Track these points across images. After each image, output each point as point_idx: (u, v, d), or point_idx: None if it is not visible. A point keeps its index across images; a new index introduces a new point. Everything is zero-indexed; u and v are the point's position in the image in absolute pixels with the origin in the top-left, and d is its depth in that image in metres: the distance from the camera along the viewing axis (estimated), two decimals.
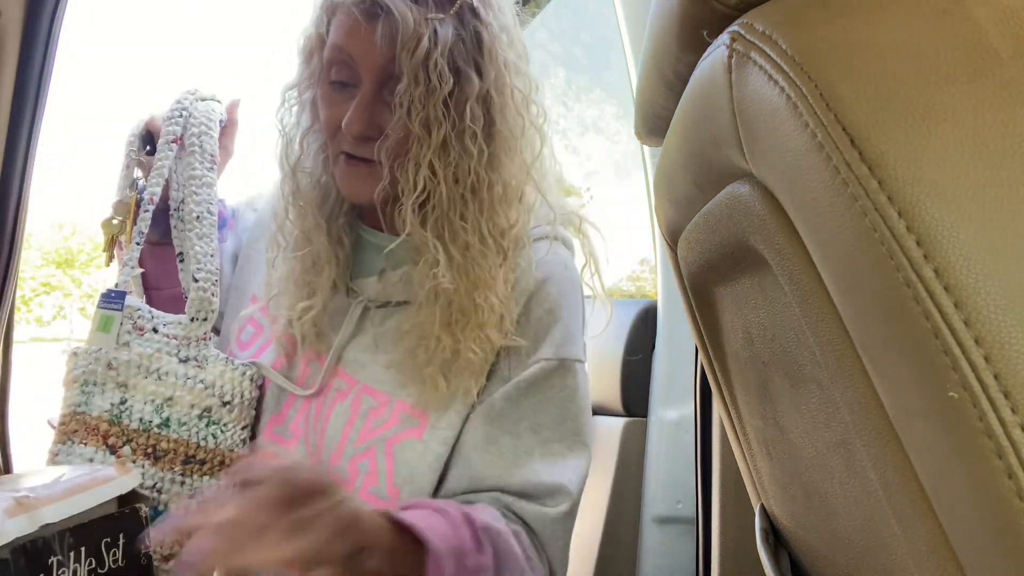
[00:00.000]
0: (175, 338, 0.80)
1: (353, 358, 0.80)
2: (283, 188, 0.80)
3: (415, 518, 0.65)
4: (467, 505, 0.71)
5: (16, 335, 1.06)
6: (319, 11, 0.75)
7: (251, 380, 0.81)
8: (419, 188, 0.71)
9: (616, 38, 1.31)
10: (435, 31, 0.68)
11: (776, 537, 0.65)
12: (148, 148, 0.88)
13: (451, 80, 0.69)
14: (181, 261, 0.86)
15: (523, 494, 0.74)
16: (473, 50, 0.71)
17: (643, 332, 1.34)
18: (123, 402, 0.77)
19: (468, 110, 0.70)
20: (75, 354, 0.79)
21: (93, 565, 0.60)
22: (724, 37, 0.39)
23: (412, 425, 0.76)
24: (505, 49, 0.73)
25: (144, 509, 0.66)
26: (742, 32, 0.37)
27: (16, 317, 1.05)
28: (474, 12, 0.71)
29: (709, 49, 0.42)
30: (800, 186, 0.34)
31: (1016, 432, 0.27)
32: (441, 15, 0.69)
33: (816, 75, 0.33)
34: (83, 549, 0.59)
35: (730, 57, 0.38)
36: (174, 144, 0.85)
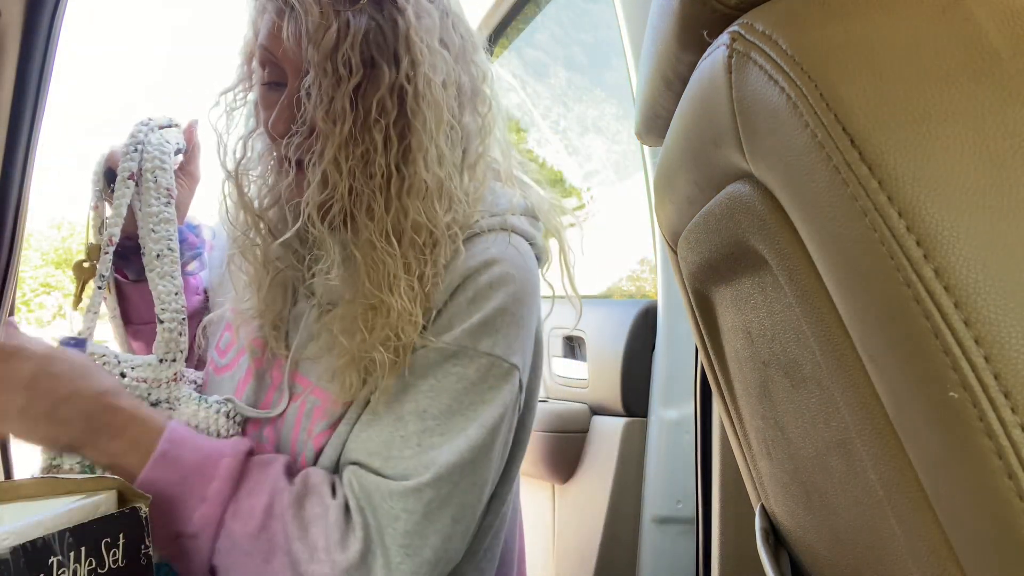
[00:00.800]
0: (144, 381, 0.78)
1: (307, 360, 0.78)
2: (228, 192, 0.77)
3: (183, 433, 0.71)
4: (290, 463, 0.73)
5: None
6: (250, 12, 0.73)
7: (227, 416, 0.78)
8: (324, 184, 0.68)
9: (616, 39, 1.31)
10: (347, 22, 0.66)
11: (776, 537, 0.65)
12: (111, 186, 0.85)
13: (360, 71, 0.66)
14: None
15: (372, 469, 0.71)
16: (391, 39, 0.68)
17: (643, 332, 1.34)
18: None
19: (376, 102, 0.67)
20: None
21: (93, 565, 0.60)
22: (724, 37, 0.39)
23: (333, 419, 0.75)
24: (427, 36, 0.69)
25: (143, 509, 0.66)
26: (742, 32, 0.37)
27: (16, 317, 1.05)
28: (393, 0, 0.68)
29: (709, 49, 0.42)
30: (800, 186, 0.34)
31: (1016, 432, 0.27)
32: (353, 4, 0.67)
33: (816, 75, 0.33)
34: (83, 549, 0.59)
35: (730, 57, 0.38)
36: (130, 180, 0.82)
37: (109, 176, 0.86)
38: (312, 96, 0.67)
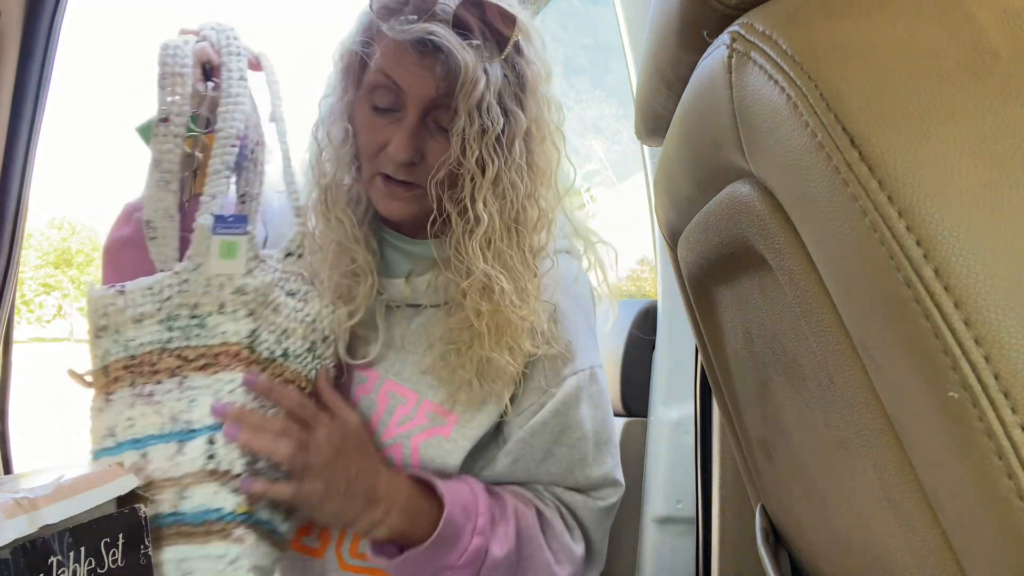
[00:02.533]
0: (278, 271, 0.78)
1: (376, 353, 0.82)
2: (317, 200, 0.81)
3: (437, 483, 0.76)
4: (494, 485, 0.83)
5: (16, 335, 1.06)
6: (363, 34, 0.76)
7: (338, 321, 0.80)
8: (475, 221, 0.75)
9: (615, 41, 1.31)
10: (486, 72, 0.71)
11: (776, 537, 0.65)
12: (210, 80, 0.80)
13: (501, 120, 0.73)
14: (243, 203, 0.82)
15: (574, 487, 0.84)
16: (517, 88, 0.75)
17: (643, 332, 1.34)
18: (253, 331, 0.75)
19: (516, 147, 0.75)
20: (125, 292, 0.74)
21: (93, 565, 0.60)
22: (724, 37, 0.39)
23: (440, 424, 0.79)
24: (544, 85, 0.78)
25: (143, 509, 0.66)
26: (742, 32, 0.37)
27: (16, 317, 1.05)
28: (519, 51, 0.75)
29: (709, 49, 0.42)
30: (800, 186, 0.34)
31: (1016, 432, 0.27)
32: (493, 58, 0.73)
33: (816, 75, 0.33)
34: (83, 549, 0.59)
35: (730, 57, 0.38)
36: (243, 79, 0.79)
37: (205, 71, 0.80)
38: (459, 141, 0.73)
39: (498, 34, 0.72)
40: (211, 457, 0.70)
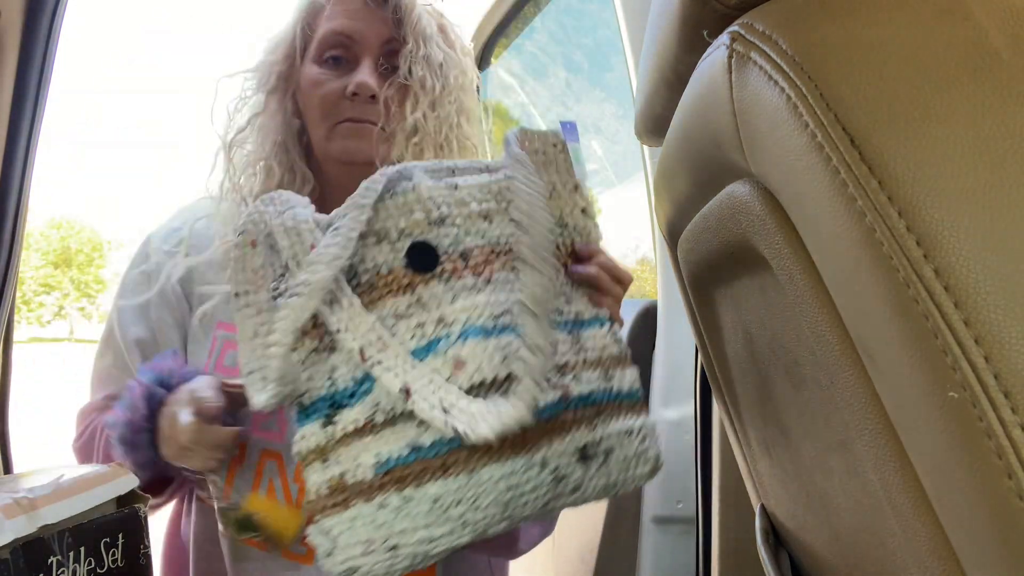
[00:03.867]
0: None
1: None
2: (253, 185, 0.84)
3: None
4: None
5: (16, 335, 1.06)
6: (304, 10, 0.85)
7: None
8: (414, 130, 0.82)
9: (615, 41, 1.31)
10: (425, 13, 0.83)
11: (776, 537, 0.65)
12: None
13: (440, 53, 0.83)
14: None
15: None
16: (443, 35, 0.86)
17: (643, 332, 1.34)
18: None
19: (451, 78, 0.85)
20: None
21: (92, 565, 0.60)
22: (724, 37, 0.39)
23: None
24: (463, 43, 0.89)
25: (143, 509, 0.66)
26: (742, 32, 0.37)
27: (16, 317, 1.05)
28: (440, 13, 0.87)
29: (709, 49, 0.42)
30: (800, 186, 0.34)
31: (1016, 432, 0.26)
32: (428, 6, 0.85)
33: (816, 75, 0.33)
34: (82, 549, 0.59)
35: (730, 57, 0.38)
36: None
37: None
38: (406, 64, 0.82)
39: None
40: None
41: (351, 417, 0.54)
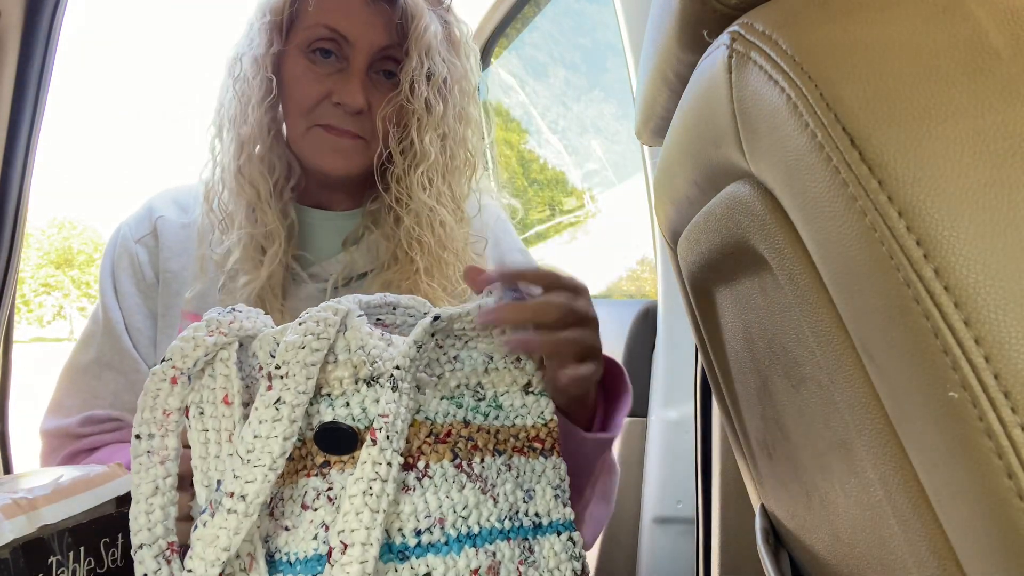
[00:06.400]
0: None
1: None
2: (229, 162, 0.79)
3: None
4: None
5: (16, 335, 1.06)
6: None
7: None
8: (421, 156, 0.78)
9: (614, 42, 1.31)
10: (432, 21, 0.77)
11: (776, 537, 0.65)
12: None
13: (444, 67, 0.78)
14: None
15: None
16: (450, 42, 0.81)
17: (643, 332, 1.34)
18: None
19: (455, 93, 0.81)
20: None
21: (92, 565, 0.60)
22: (724, 37, 0.39)
23: None
24: (470, 45, 0.84)
25: None
26: (742, 32, 0.37)
27: (16, 317, 1.05)
28: (448, 10, 0.82)
29: (709, 49, 0.42)
30: (800, 186, 0.34)
31: (1016, 432, 0.26)
32: (438, 8, 0.80)
33: (816, 75, 0.33)
34: (82, 549, 0.59)
35: (730, 57, 0.38)
36: None
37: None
38: (407, 82, 0.76)
39: None
40: None
41: None
